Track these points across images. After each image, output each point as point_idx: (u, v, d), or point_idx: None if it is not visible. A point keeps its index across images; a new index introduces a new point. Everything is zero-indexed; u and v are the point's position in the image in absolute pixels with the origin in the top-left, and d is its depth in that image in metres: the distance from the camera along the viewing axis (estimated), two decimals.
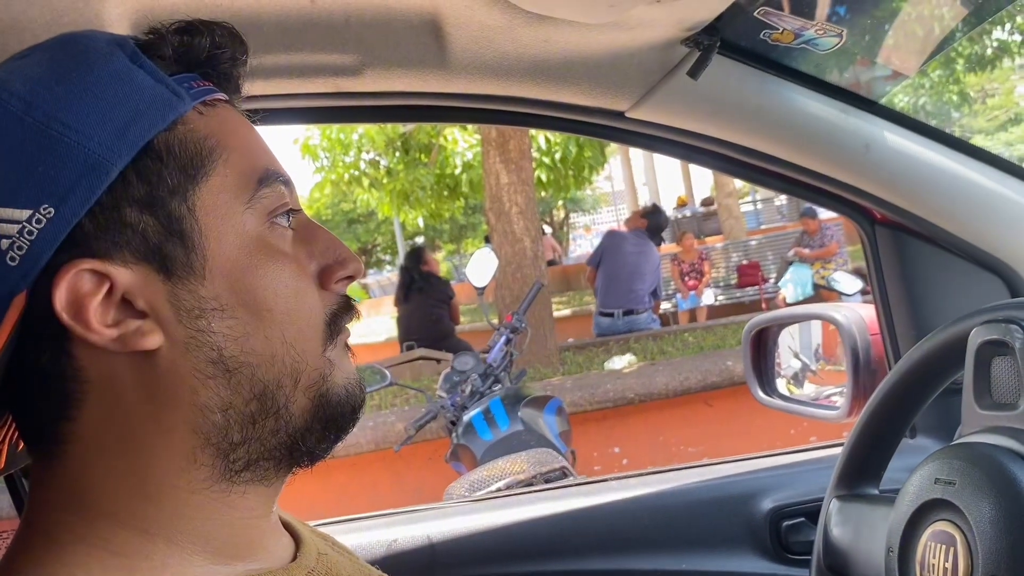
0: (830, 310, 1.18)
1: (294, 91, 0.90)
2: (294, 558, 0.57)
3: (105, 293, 0.46)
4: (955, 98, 11.42)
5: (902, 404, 0.75)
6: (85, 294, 0.46)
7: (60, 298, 0.45)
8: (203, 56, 0.53)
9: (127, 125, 0.47)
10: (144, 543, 0.49)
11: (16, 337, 0.46)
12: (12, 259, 0.45)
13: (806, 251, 8.56)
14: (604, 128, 1.00)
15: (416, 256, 6.61)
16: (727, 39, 0.86)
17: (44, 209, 0.45)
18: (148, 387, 0.48)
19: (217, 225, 0.49)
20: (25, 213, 0.45)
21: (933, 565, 0.61)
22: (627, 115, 0.97)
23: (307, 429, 0.52)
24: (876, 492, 0.78)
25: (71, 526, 0.48)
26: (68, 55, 0.49)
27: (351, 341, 0.58)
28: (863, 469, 0.79)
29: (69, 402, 0.48)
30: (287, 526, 0.60)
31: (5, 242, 0.45)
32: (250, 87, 0.88)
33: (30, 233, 0.45)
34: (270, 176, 0.52)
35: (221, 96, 0.54)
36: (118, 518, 0.49)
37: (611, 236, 6.86)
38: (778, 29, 0.86)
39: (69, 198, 0.45)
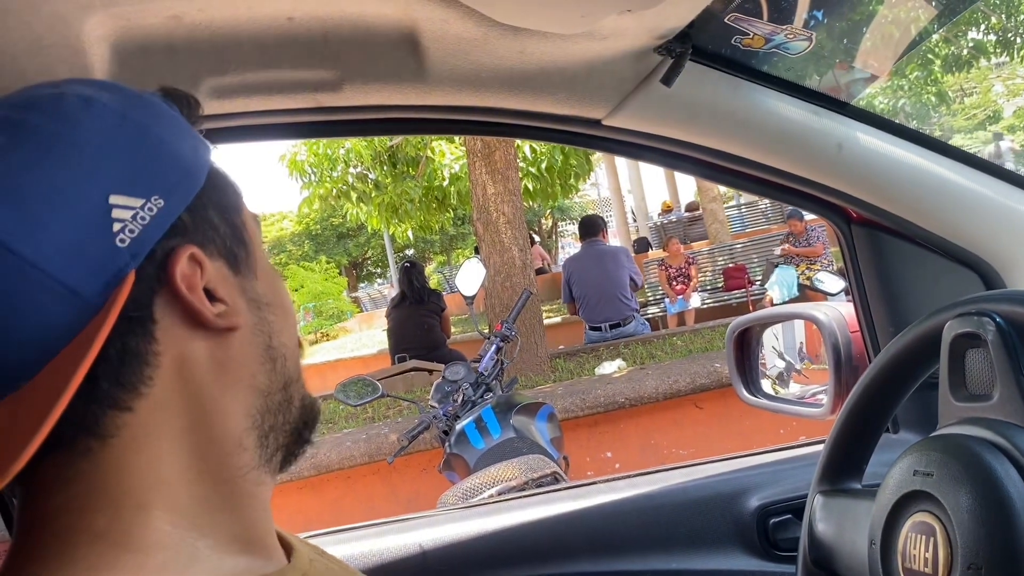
0: (811, 309, 1.19)
1: (275, 107, 0.91)
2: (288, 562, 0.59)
3: (199, 278, 0.52)
4: (934, 99, 11.51)
5: (881, 398, 0.76)
6: (190, 275, 0.51)
7: (178, 273, 0.50)
8: (193, 121, 0.59)
9: (196, 148, 0.55)
10: (165, 535, 0.50)
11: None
12: (122, 240, 0.48)
13: (793, 249, 8.61)
14: (581, 136, 1.01)
15: (417, 268, 6.65)
16: (699, 46, 0.88)
17: (155, 199, 0.50)
18: (219, 367, 0.53)
19: (255, 239, 0.59)
20: (139, 201, 0.49)
21: (914, 556, 0.62)
22: (604, 123, 0.98)
23: (302, 424, 0.60)
24: (859, 486, 0.79)
25: (89, 524, 0.49)
26: (125, 89, 0.55)
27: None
28: (845, 464, 0.80)
29: (138, 388, 0.50)
30: (277, 535, 0.62)
31: (117, 225, 0.48)
32: (231, 104, 0.89)
33: (142, 219, 0.49)
34: (256, 213, 0.61)
35: None
36: (147, 509, 0.50)
37: (568, 264, 6.90)
38: (749, 34, 0.87)
39: (174, 194, 0.51)
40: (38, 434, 0.44)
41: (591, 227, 6.64)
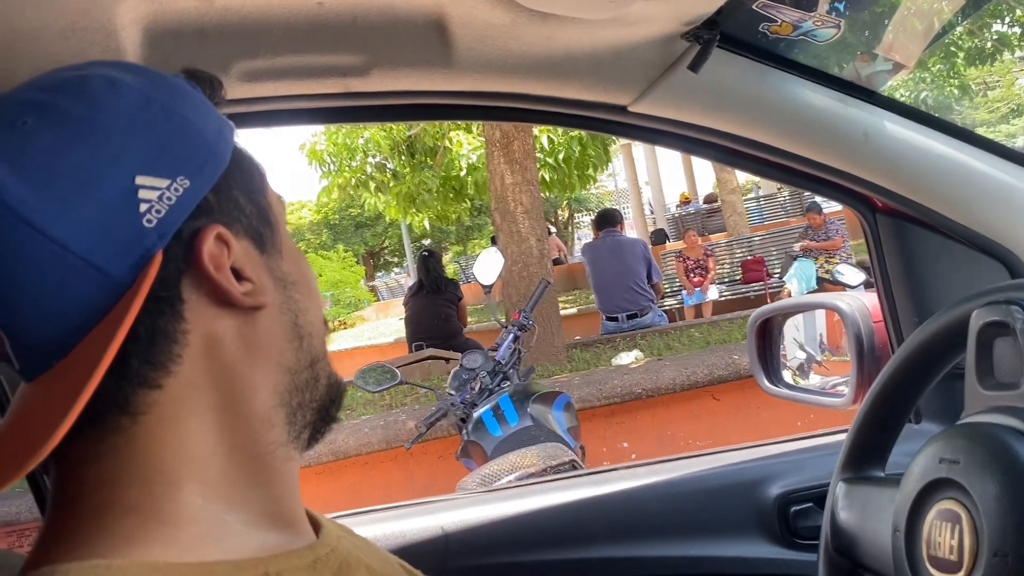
0: (834, 299, 1.19)
1: (303, 92, 0.92)
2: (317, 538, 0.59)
3: (226, 258, 0.53)
4: (956, 91, 11.38)
5: (906, 386, 0.76)
6: (218, 254, 0.52)
7: (206, 253, 0.51)
8: (216, 102, 0.59)
9: (220, 128, 0.56)
10: (197, 509, 0.51)
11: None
12: (149, 221, 0.49)
13: (812, 243, 8.56)
14: (607, 123, 1.01)
15: (435, 257, 6.65)
16: (726, 32, 0.87)
17: (181, 180, 0.50)
18: (247, 345, 0.54)
19: (280, 218, 0.59)
20: (165, 182, 0.50)
21: (939, 543, 0.61)
22: (629, 109, 0.98)
23: (329, 402, 0.60)
24: (882, 474, 0.79)
25: (122, 498, 0.49)
26: (148, 71, 0.56)
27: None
28: (868, 452, 0.79)
29: (167, 366, 0.50)
30: (306, 513, 0.63)
31: (144, 206, 0.49)
32: (260, 88, 0.90)
33: (168, 199, 0.50)
34: (280, 193, 0.62)
35: None
36: (179, 483, 0.51)
37: (586, 251, 6.88)
38: (777, 21, 0.87)
39: (200, 174, 0.52)
40: (71, 412, 0.45)
41: (608, 218, 6.62)
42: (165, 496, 0.50)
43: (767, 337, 1.30)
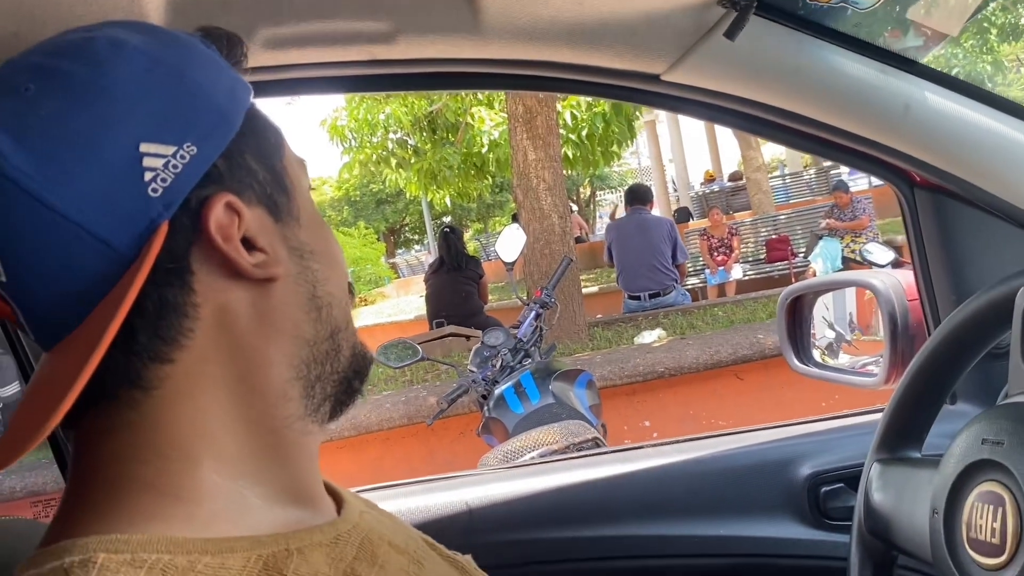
0: (867, 276, 1.17)
1: (328, 60, 0.90)
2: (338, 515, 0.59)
3: (236, 227, 0.51)
4: (989, 68, 11.17)
5: (946, 365, 0.74)
6: (227, 224, 0.50)
7: (213, 223, 0.49)
8: (234, 62, 0.58)
9: (233, 90, 0.53)
10: (213, 484, 0.50)
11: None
12: (154, 190, 0.47)
13: (837, 222, 8.47)
14: (639, 92, 0.99)
15: (456, 234, 6.64)
16: None
17: (188, 147, 0.48)
18: (261, 318, 0.52)
19: (299, 184, 0.57)
20: (171, 149, 0.48)
21: (980, 526, 0.60)
22: (662, 78, 0.96)
23: (352, 374, 0.59)
24: (919, 455, 0.78)
25: (138, 474, 0.49)
26: (160, 31, 0.54)
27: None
28: (905, 432, 0.78)
29: (178, 340, 0.49)
30: (328, 487, 0.62)
31: (149, 174, 0.47)
32: (285, 56, 0.89)
33: (175, 167, 0.48)
34: (302, 157, 0.59)
35: None
36: (195, 459, 0.50)
37: (610, 229, 6.81)
38: None
39: (208, 140, 0.50)
40: (74, 386, 0.44)
41: (638, 195, 6.53)
42: (182, 472, 0.49)
43: (797, 315, 1.28)
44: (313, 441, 0.57)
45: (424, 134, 9.39)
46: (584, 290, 6.95)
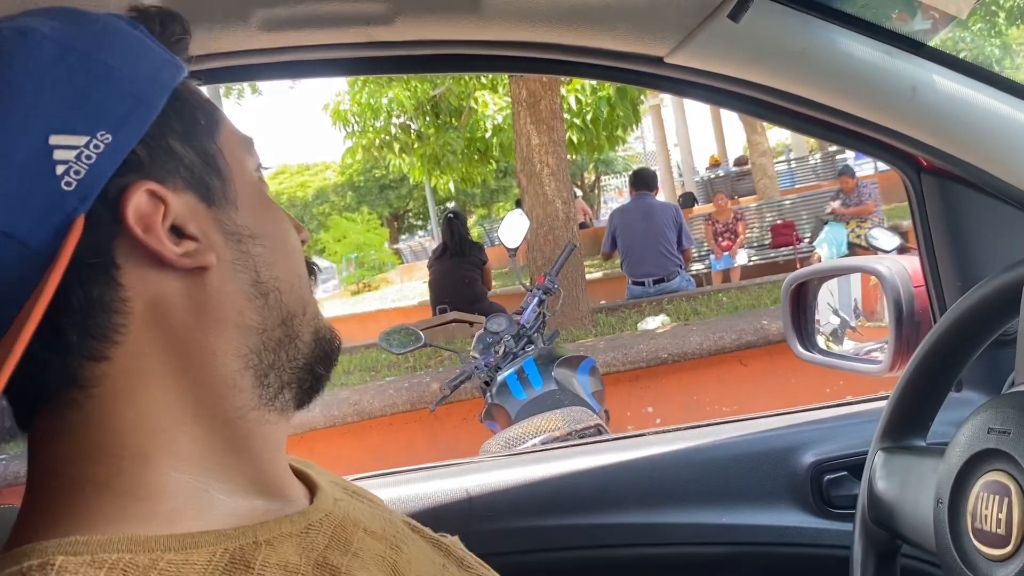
0: (872, 262, 1.15)
1: (326, 42, 0.89)
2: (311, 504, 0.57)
3: (162, 216, 0.48)
4: (997, 51, 11.09)
5: (952, 353, 0.73)
6: (149, 213, 0.48)
7: (131, 214, 0.47)
8: (172, 40, 0.56)
9: (157, 71, 0.51)
10: (172, 481, 0.49)
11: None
12: (68, 184, 0.46)
13: (843, 208, 8.44)
14: (642, 75, 0.97)
15: (460, 219, 6.62)
16: None
17: (101, 135, 0.47)
18: (198, 308, 0.50)
19: (237, 165, 0.55)
20: (83, 139, 0.46)
21: (986, 516, 0.60)
22: (666, 60, 0.94)
23: (314, 360, 0.57)
24: (923, 444, 0.77)
25: (93, 475, 0.48)
26: (79, 15, 0.51)
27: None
28: (910, 421, 0.77)
29: (110, 337, 0.48)
30: (302, 475, 0.61)
31: (61, 167, 0.45)
32: (282, 38, 0.87)
33: (88, 158, 0.46)
34: (248, 136, 0.57)
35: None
36: (148, 457, 0.49)
37: (615, 215, 6.75)
38: None
39: (124, 126, 0.48)
40: None
41: (644, 180, 6.47)
42: (136, 471, 0.48)
43: (801, 301, 1.27)
44: (275, 431, 0.55)
45: (427, 119, 9.36)
46: (588, 276, 6.93)
